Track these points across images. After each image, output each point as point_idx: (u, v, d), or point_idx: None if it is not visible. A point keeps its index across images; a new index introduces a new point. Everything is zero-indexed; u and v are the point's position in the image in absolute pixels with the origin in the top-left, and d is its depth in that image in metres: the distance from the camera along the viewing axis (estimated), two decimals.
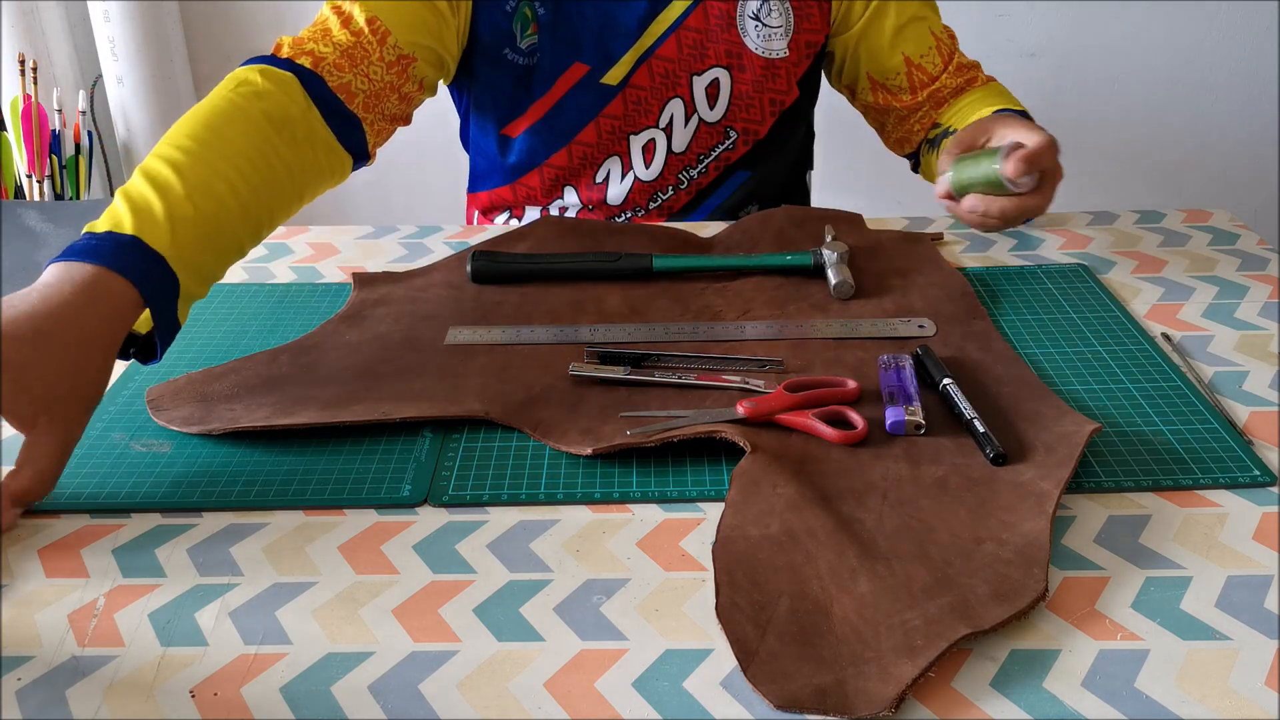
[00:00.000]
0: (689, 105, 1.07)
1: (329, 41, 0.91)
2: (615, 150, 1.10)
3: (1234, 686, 0.50)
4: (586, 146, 1.09)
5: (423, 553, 0.60)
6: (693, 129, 1.08)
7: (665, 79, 1.06)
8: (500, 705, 0.50)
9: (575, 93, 1.06)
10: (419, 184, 2.18)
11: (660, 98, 1.07)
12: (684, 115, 1.08)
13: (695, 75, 1.06)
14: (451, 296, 0.88)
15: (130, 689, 0.51)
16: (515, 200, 1.15)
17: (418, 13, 0.96)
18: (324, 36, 0.91)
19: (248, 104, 0.81)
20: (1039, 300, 0.87)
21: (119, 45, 1.92)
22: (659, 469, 0.66)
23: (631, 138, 1.09)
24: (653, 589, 0.57)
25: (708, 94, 1.07)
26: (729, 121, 1.09)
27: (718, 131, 1.09)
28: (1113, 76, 2.13)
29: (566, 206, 1.13)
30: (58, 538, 0.62)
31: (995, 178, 0.84)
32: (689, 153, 1.10)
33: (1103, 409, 0.71)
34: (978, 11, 2.06)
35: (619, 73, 1.06)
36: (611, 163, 1.10)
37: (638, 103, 1.07)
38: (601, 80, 1.06)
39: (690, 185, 1.12)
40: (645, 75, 1.06)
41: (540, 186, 1.13)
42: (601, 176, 1.11)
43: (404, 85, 0.95)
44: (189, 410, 0.72)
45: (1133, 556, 0.58)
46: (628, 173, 1.10)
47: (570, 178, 1.12)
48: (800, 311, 0.84)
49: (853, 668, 0.50)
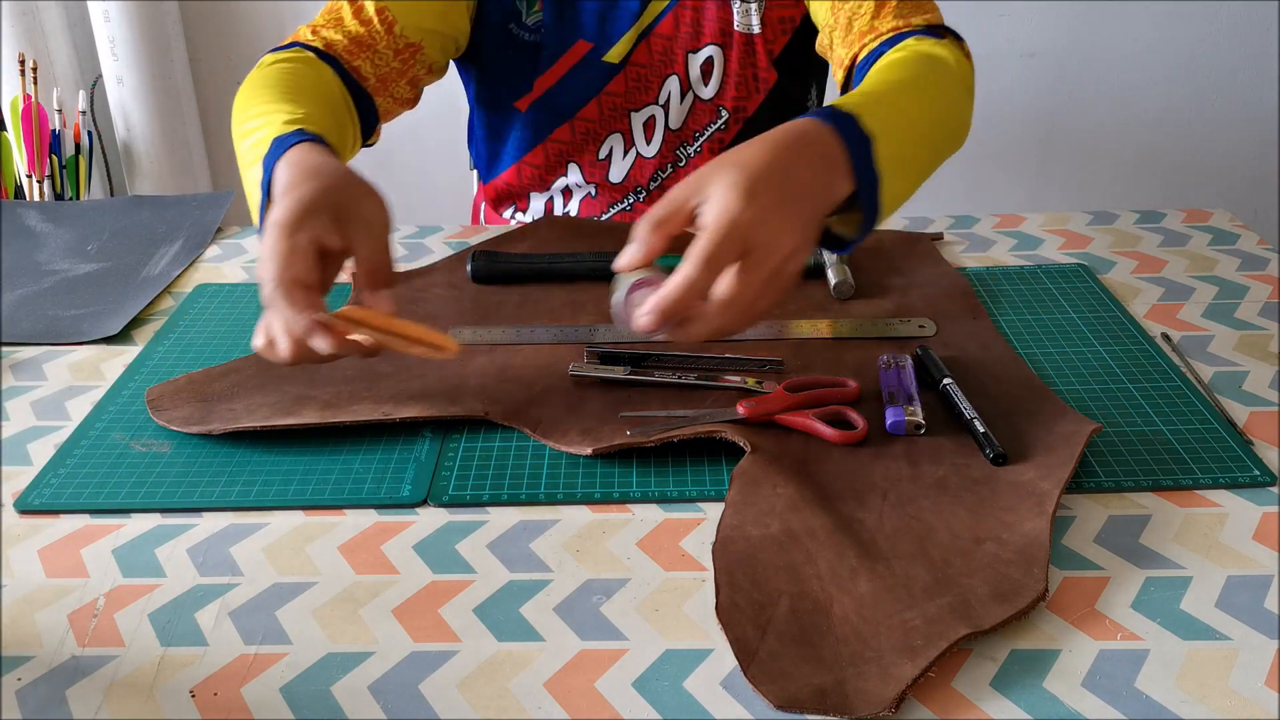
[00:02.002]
0: (684, 82, 1.08)
1: (340, 29, 0.95)
2: (617, 127, 1.11)
3: (1234, 686, 0.50)
4: (589, 123, 1.11)
5: (423, 553, 0.60)
6: (688, 106, 1.09)
7: (664, 56, 1.07)
8: (500, 705, 0.50)
9: (578, 70, 1.08)
10: (420, 184, 2.18)
11: (659, 75, 1.08)
12: (680, 92, 1.08)
13: (691, 53, 1.07)
14: (451, 296, 0.88)
15: (130, 689, 0.51)
16: (520, 184, 1.16)
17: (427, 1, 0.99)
18: (336, 24, 0.96)
19: (295, 67, 0.89)
20: (1039, 300, 0.87)
21: (119, 45, 1.92)
22: (659, 469, 0.66)
23: (633, 114, 1.10)
24: (653, 589, 0.57)
25: (703, 71, 1.07)
26: (720, 100, 1.09)
27: (710, 109, 1.09)
28: (1113, 76, 2.13)
29: (570, 187, 1.14)
30: (58, 538, 0.62)
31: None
32: (685, 129, 1.10)
33: (1103, 409, 0.71)
34: (978, 11, 2.06)
35: (620, 50, 1.07)
36: (614, 139, 1.11)
37: (638, 80, 1.08)
38: (604, 59, 1.07)
39: (689, 165, 1.12)
40: (645, 52, 1.07)
41: (544, 163, 1.14)
42: (604, 153, 1.12)
43: (411, 70, 0.99)
44: (189, 410, 0.72)
45: (1133, 556, 0.58)
46: (630, 149, 1.11)
47: (574, 153, 1.13)
48: (800, 311, 0.84)
49: (853, 668, 0.50)
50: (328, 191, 0.68)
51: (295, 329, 0.63)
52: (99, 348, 0.84)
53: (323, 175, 0.70)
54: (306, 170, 0.71)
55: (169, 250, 1.00)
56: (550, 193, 1.16)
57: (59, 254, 1.00)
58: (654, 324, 0.60)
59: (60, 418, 0.74)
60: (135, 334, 0.86)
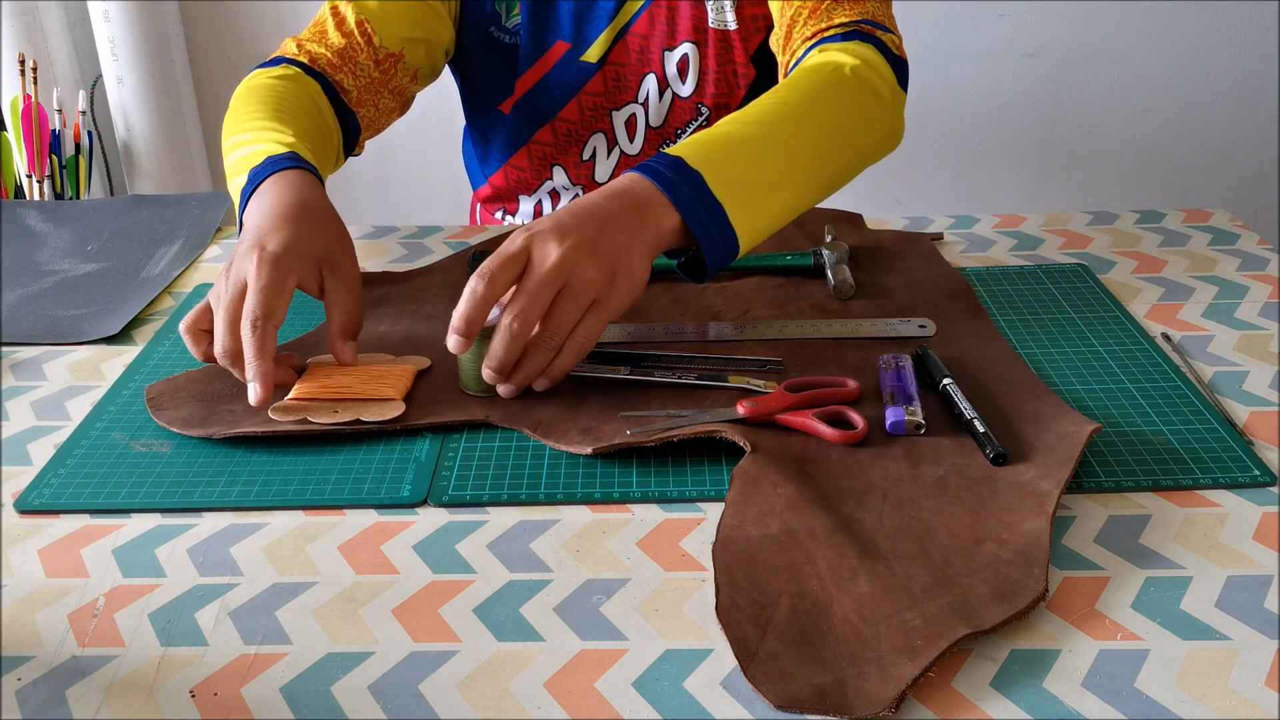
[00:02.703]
0: (662, 80, 1.08)
1: (324, 42, 0.97)
2: (599, 126, 1.11)
3: (1234, 686, 0.50)
4: (570, 123, 1.11)
5: (423, 553, 0.60)
6: (667, 103, 1.09)
7: (640, 55, 1.08)
8: (500, 705, 0.50)
9: (557, 71, 1.08)
10: (419, 184, 2.18)
11: (637, 73, 1.08)
12: (658, 90, 1.08)
13: (667, 51, 1.07)
14: (451, 296, 0.88)
15: (130, 689, 0.51)
16: (507, 187, 1.16)
17: (407, 9, 1.00)
18: (321, 37, 0.98)
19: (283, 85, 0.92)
20: (1039, 300, 0.87)
21: (119, 45, 1.92)
22: (659, 469, 0.66)
23: (614, 114, 1.10)
24: (653, 589, 0.57)
25: (679, 69, 1.07)
26: (699, 97, 1.09)
27: (690, 107, 1.10)
28: (1113, 76, 2.13)
29: (557, 190, 1.14)
30: (58, 538, 0.62)
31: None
32: (666, 126, 1.11)
33: (1103, 409, 0.71)
34: (978, 11, 2.06)
35: (598, 50, 1.07)
36: (596, 139, 1.12)
37: (617, 79, 1.08)
38: (582, 58, 1.07)
39: None
40: (622, 51, 1.07)
41: (529, 166, 1.14)
42: (588, 154, 1.12)
43: (394, 80, 1.00)
44: (189, 411, 0.72)
45: (1133, 556, 0.58)
46: (613, 148, 1.12)
47: (557, 155, 1.13)
48: (800, 311, 0.84)
49: (853, 668, 0.50)
50: (318, 238, 0.74)
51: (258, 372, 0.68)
52: (99, 348, 0.84)
53: (314, 218, 0.76)
54: (300, 207, 0.76)
55: (169, 250, 1.00)
56: (538, 195, 1.16)
57: (59, 254, 1.00)
58: (493, 378, 0.70)
59: (60, 418, 0.74)
60: (135, 334, 0.86)
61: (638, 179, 0.73)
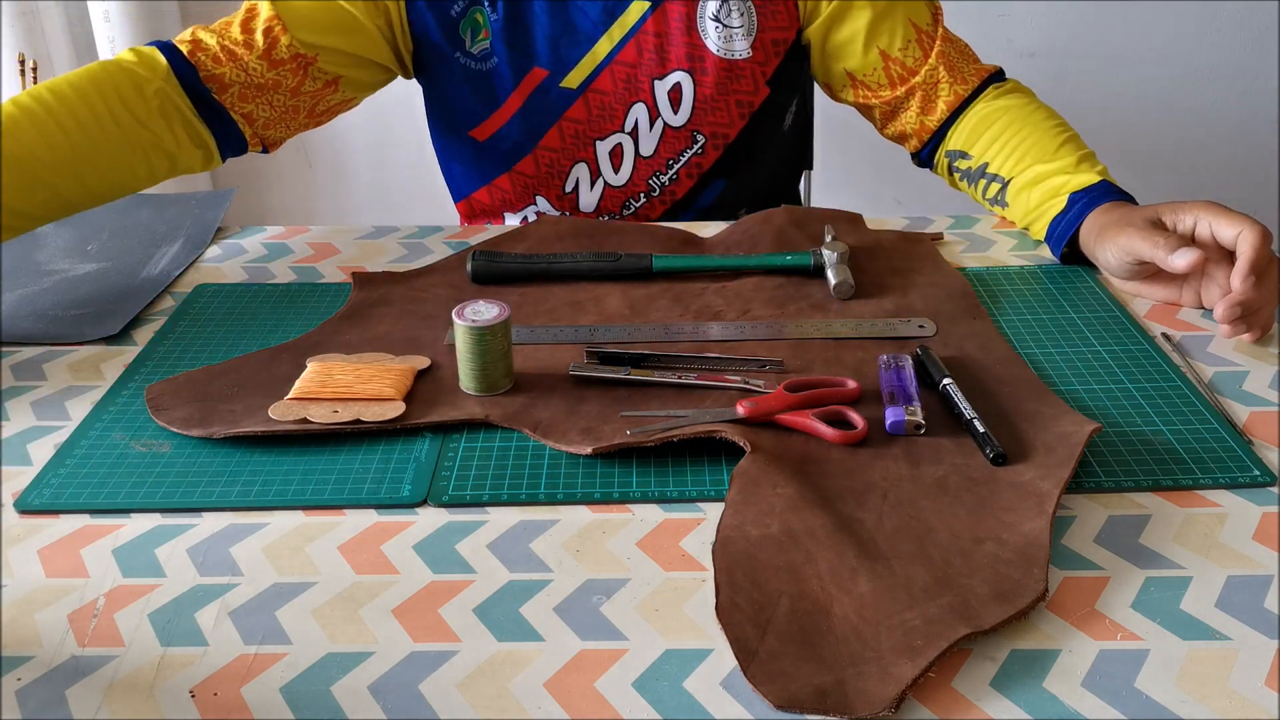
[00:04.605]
0: (652, 110, 1.07)
1: (223, 35, 0.98)
2: (581, 155, 1.10)
3: (1234, 686, 0.50)
4: (551, 152, 1.10)
5: (423, 553, 0.60)
6: (658, 133, 1.08)
7: (628, 84, 1.06)
8: (500, 705, 0.50)
9: (536, 97, 1.07)
10: (419, 184, 2.18)
11: (624, 102, 1.07)
12: (648, 120, 1.08)
13: (656, 80, 1.06)
14: (451, 296, 0.88)
15: (130, 689, 0.51)
16: (492, 204, 1.16)
17: (327, 14, 1.00)
18: (224, 29, 0.99)
19: (105, 71, 0.91)
20: (1039, 300, 0.87)
21: (119, 45, 1.92)
22: (659, 469, 0.66)
23: (597, 143, 1.09)
24: (653, 589, 0.57)
25: (670, 98, 1.07)
26: (695, 126, 1.08)
27: (684, 136, 1.09)
28: (1113, 76, 2.13)
29: (542, 213, 1.14)
30: (58, 538, 0.62)
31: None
32: (657, 157, 1.10)
33: (1103, 409, 0.71)
34: (978, 11, 2.06)
35: (577, 76, 1.06)
36: (579, 169, 1.11)
37: (601, 108, 1.07)
38: (561, 84, 1.06)
39: (664, 193, 1.11)
40: (608, 80, 1.06)
41: (512, 189, 1.14)
42: (570, 185, 1.12)
43: (305, 84, 1.01)
44: (189, 410, 0.72)
45: (1133, 556, 0.58)
46: (597, 179, 1.10)
47: (539, 186, 1.12)
48: (800, 311, 0.84)
49: (853, 668, 0.50)
50: None
51: None
52: (99, 348, 0.84)
53: None
54: None
55: (169, 250, 1.00)
56: (523, 213, 1.16)
57: (59, 254, 1.00)
58: (1228, 315, 0.76)
59: (60, 418, 0.74)
60: (135, 334, 0.86)
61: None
